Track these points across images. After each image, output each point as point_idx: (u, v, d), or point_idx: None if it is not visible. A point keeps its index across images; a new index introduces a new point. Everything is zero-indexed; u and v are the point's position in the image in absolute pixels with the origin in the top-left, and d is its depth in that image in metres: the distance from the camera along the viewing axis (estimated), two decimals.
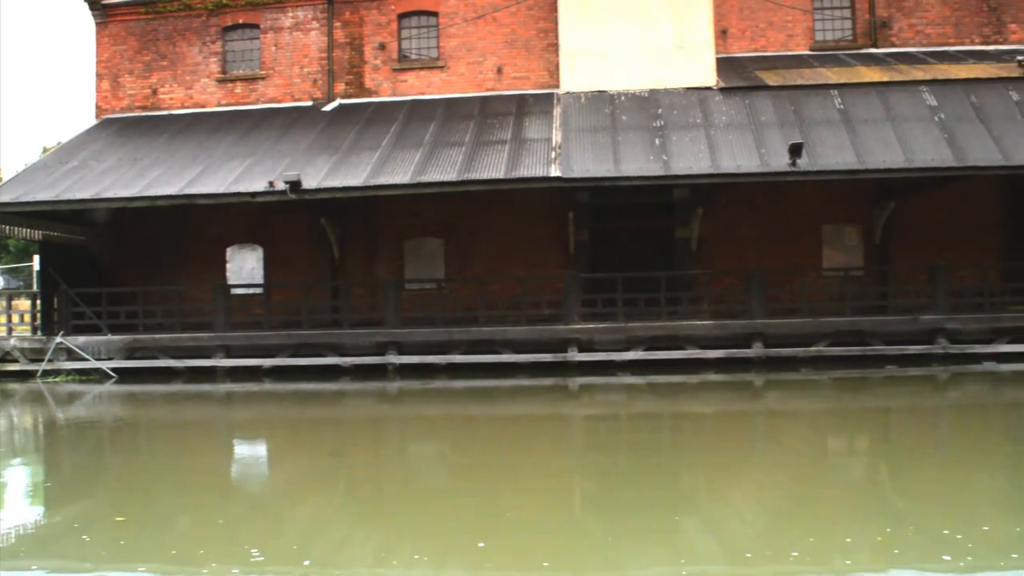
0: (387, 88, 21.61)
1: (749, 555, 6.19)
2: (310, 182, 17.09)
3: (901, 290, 18.88)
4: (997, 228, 20.64)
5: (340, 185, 17.20)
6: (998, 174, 17.99)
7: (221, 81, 22.30)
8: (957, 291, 18.66)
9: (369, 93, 21.63)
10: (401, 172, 17.44)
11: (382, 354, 18.30)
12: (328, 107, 21.22)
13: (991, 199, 20.56)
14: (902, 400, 15.25)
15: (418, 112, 20.22)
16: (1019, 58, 19.17)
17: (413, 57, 21.81)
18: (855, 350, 17.58)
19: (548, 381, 17.09)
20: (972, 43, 21.34)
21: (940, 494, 8.17)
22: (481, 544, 6.73)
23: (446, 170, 17.35)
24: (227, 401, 16.88)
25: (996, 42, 21.36)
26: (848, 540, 6.36)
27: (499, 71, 21.17)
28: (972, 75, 19.04)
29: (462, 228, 21.06)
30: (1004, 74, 18.97)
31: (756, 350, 17.49)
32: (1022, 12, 21.53)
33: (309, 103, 21.74)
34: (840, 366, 17.20)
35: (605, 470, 9.84)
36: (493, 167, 17.34)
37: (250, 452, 12.14)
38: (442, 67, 21.45)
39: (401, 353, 18.28)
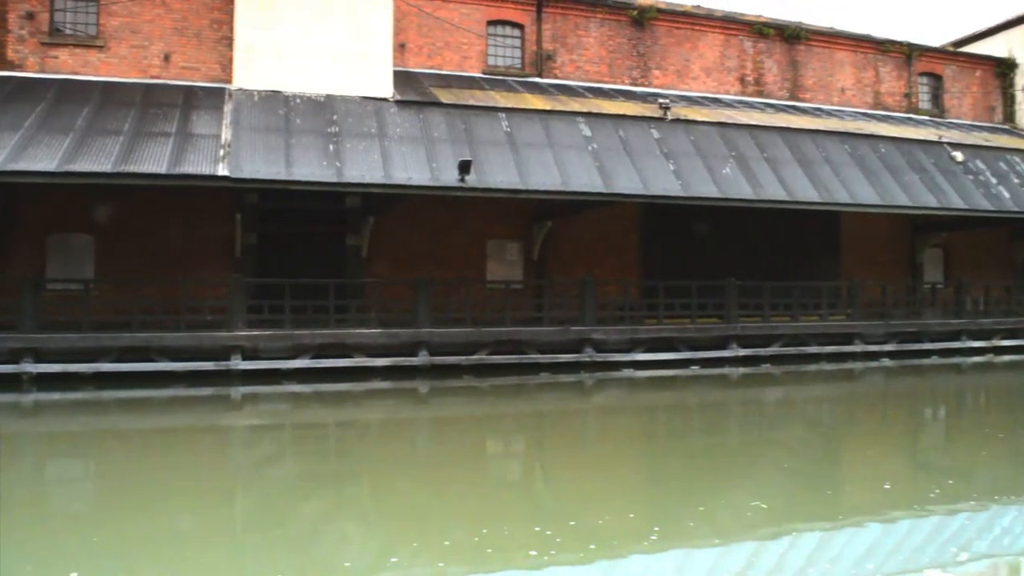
0: (34, 63, 19.30)
1: (392, 560, 6.33)
2: None
3: (555, 303, 20.45)
4: (635, 249, 23.20)
5: None
6: (638, 201, 20.22)
7: None
8: (603, 305, 20.56)
9: (11, 67, 19.15)
10: (46, 159, 15.72)
11: (16, 362, 16.28)
12: None
13: (632, 224, 23.06)
14: (551, 405, 16.61)
15: (70, 93, 18.28)
16: (660, 101, 21.67)
17: (68, 32, 19.73)
18: (513, 358, 18.71)
19: (208, 391, 16.29)
20: (623, 83, 23.82)
21: (557, 492, 8.95)
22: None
23: (100, 160, 15.91)
24: None
25: (643, 84, 24.03)
26: (446, 543, 6.72)
27: (166, 59, 19.79)
28: (621, 111, 21.22)
29: (118, 225, 19.30)
30: (648, 113, 21.35)
31: (422, 358, 18.00)
32: (664, 60, 24.47)
33: None
34: (500, 373, 18.21)
35: (261, 483, 9.59)
36: (155, 161, 16.21)
37: None
38: (101, 47, 19.58)
39: (39, 361, 16.37)
